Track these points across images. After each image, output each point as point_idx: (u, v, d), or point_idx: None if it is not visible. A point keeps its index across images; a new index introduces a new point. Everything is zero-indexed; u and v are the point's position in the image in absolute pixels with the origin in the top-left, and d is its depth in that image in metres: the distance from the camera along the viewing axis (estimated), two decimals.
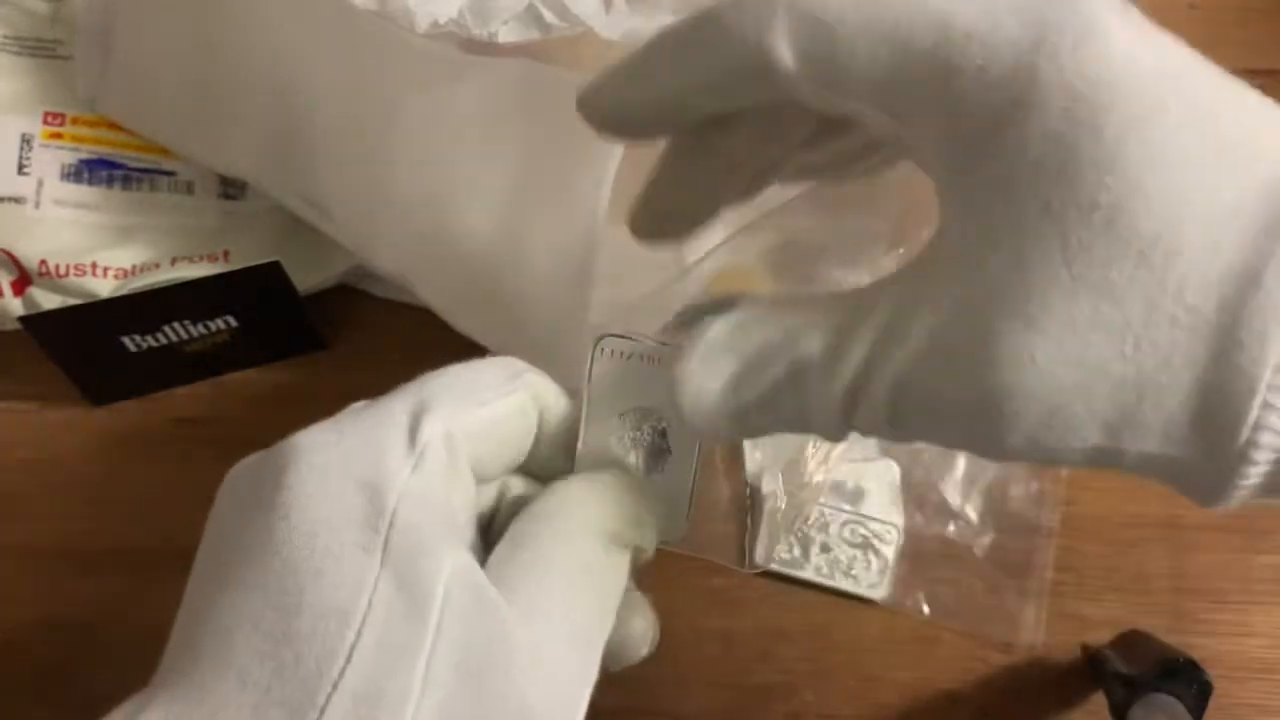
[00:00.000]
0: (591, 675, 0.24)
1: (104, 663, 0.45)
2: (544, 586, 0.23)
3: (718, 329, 0.24)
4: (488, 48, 0.38)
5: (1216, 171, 0.20)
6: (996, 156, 0.20)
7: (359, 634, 0.20)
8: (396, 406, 0.24)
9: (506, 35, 0.37)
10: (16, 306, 0.47)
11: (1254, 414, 0.20)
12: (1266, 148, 0.20)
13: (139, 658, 0.46)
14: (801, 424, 0.24)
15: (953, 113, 0.21)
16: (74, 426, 0.49)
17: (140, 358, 0.47)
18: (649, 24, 0.38)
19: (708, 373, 0.24)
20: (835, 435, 0.24)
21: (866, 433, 0.23)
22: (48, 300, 0.47)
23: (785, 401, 0.24)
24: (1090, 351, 0.20)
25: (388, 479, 0.22)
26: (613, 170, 0.37)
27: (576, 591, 0.24)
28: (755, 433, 0.25)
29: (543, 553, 0.24)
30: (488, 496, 0.27)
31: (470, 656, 0.21)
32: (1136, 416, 0.20)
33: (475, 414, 0.25)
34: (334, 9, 0.39)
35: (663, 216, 0.28)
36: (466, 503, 0.25)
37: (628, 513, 0.26)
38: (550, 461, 0.28)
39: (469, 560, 0.22)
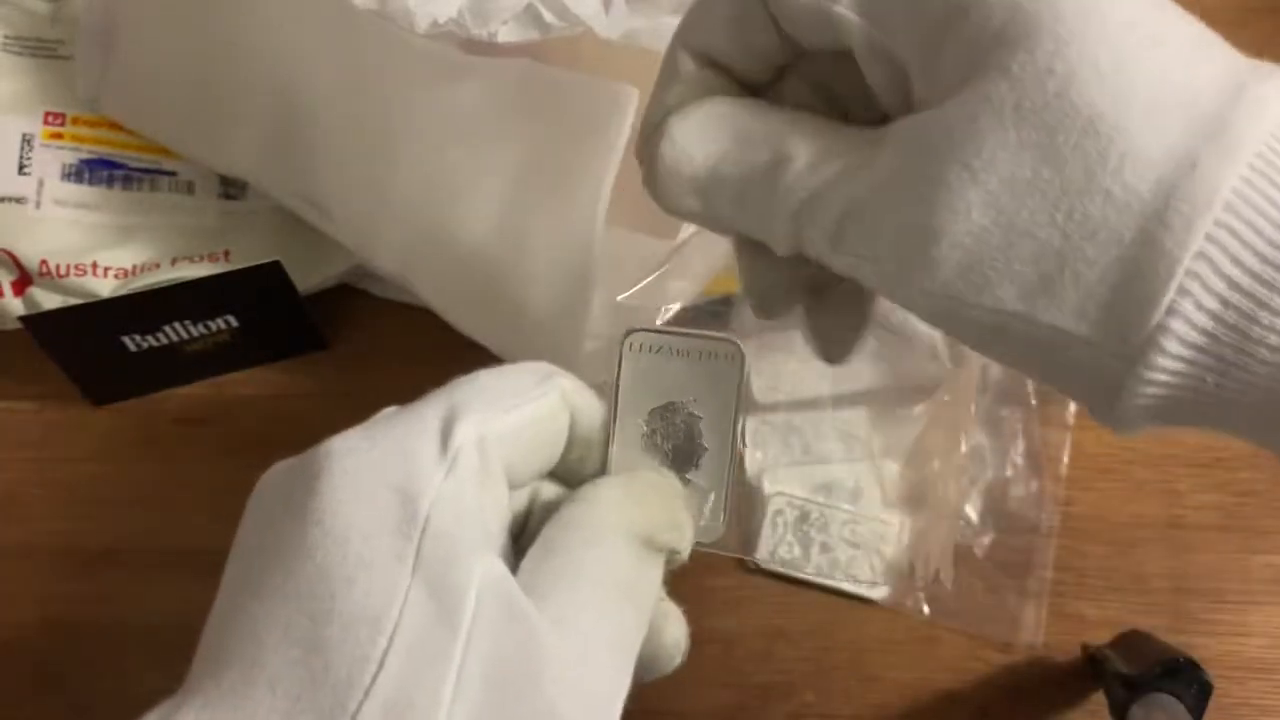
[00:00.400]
0: (624, 685, 0.24)
1: (104, 662, 0.45)
2: (576, 595, 0.23)
3: (723, 103, 0.25)
4: (488, 48, 0.38)
5: (1168, 60, 0.21)
6: (962, 30, 0.22)
7: (390, 642, 0.20)
8: (428, 412, 0.24)
9: (506, 35, 0.37)
10: (17, 306, 0.47)
11: (1168, 296, 0.20)
12: (1216, 54, 0.21)
13: (139, 657, 0.46)
14: (760, 219, 0.25)
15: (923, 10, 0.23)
16: (74, 426, 0.49)
17: (140, 358, 0.47)
18: (649, 24, 0.38)
19: (699, 139, 0.25)
20: (783, 242, 0.25)
21: (809, 246, 0.24)
22: (48, 300, 0.47)
23: (756, 192, 0.24)
24: (1023, 213, 0.21)
25: (420, 485, 0.22)
26: (613, 170, 0.37)
27: (609, 599, 0.24)
28: (716, 215, 0.25)
29: (574, 560, 0.24)
30: (520, 501, 0.27)
31: (501, 666, 0.21)
32: (1055, 284, 0.21)
33: (507, 418, 0.24)
34: (334, 9, 0.39)
35: (768, 303, 0.28)
36: (499, 508, 0.25)
37: (662, 515, 0.26)
38: (582, 464, 0.27)
39: (501, 568, 0.22)
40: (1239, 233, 0.20)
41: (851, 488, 0.47)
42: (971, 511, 0.46)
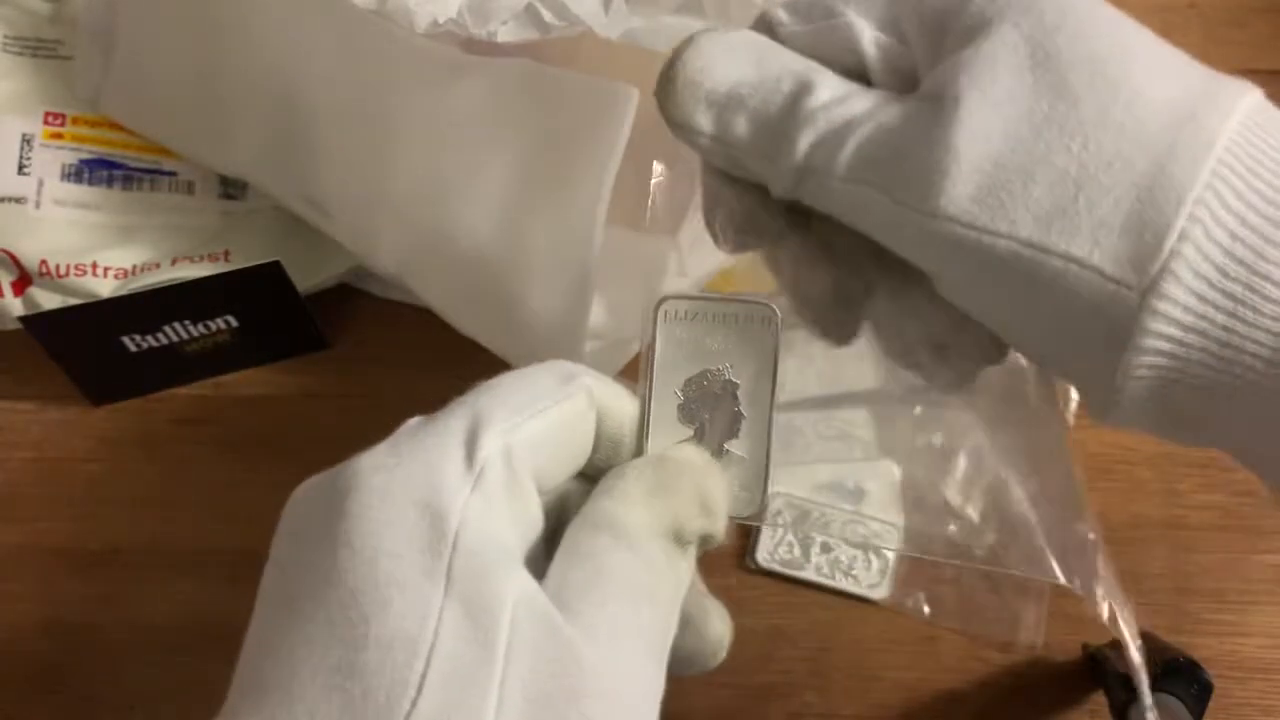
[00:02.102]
0: (659, 688, 0.23)
1: (103, 663, 0.45)
2: (606, 605, 0.23)
3: (753, 34, 0.26)
4: (488, 47, 0.38)
5: (1156, 42, 0.23)
6: (968, 9, 0.24)
7: (428, 664, 0.20)
8: (453, 423, 0.23)
9: (506, 35, 0.37)
10: (17, 306, 0.47)
11: (1180, 222, 0.21)
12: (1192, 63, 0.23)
13: (138, 658, 0.46)
14: (772, 144, 0.24)
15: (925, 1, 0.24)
16: (74, 426, 0.49)
17: (140, 358, 0.47)
18: (649, 24, 0.38)
19: (725, 56, 0.25)
20: (786, 174, 0.24)
21: (812, 179, 0.24)
22: (48, 300, 0.47)
23: (774, 116, 0.24)
24: (1039, 144, 0.22)
25: (448, 501, 0.22)
26: (613, 170, 0.37)
27: (639, 603, 0.23)
28: (725, 134, 0.25)
29: (600, 566, 0.23)
30: (550, 503, 0.26)
31: (540, 684, 0.21)
32: (1069, 211, 0.22)
33: (532, 425, 0.24)
34: (334, 9, 0.39)
35: (730, 231, 0.28)
36: (529, 518, 0.24)
37: (691, 500, 0.25)
38: (610, 462, 0.27)
39: (533, 584, 0.22)
40: (1241, 174, 0.21)
41: (852, 488, 0.47)
42: (972, 512, 0.46)
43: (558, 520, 0.26)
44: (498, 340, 0.44)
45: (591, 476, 0.27)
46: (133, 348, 0.47)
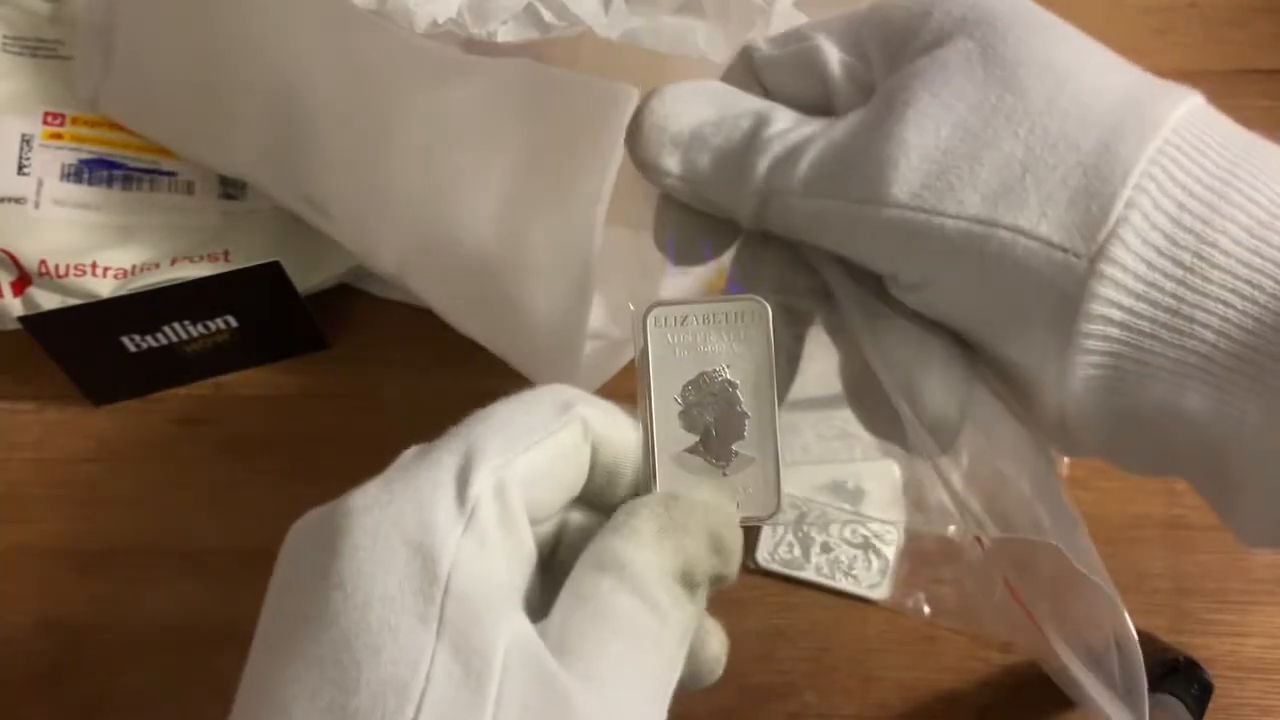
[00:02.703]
0: None
1: (103, 663, 0.45)
2: (607, 649, 0.22)
3: (712, 82, 0.27)
4: (487, 47, 0.38)
5: (1101, 50, 0.24)
6: (925, 26, 0.25)
7: (419, 709, 0.20)
8: (445, 458, 0.23)
9: (505, 35, 0.37)
10: (16, 306, 0.47)
11: (1127, 191, 0.22)
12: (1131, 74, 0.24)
13: (138, 658, 0.46)
14: (735, 176, 0.26)
15: (889, 22, 0.26)
16: (74, 426, 0.49)
17: (140, 358, 0.47)
18: (648, 24, 0.38)
19: (688, 102, 0.26)
20: (748, 202, 0.25)
21: (776, 201, 0.25)
22: (47, 300, 0.47)
23: (734, 151, 0.26)
24: (987, 131, 0.23)
25: (439, 542, 0.22)
26: (613, 170, 0.37)
27: (642, 650, 0.23)
28: (690, 173, 0.26)
29: (603, 609, 0.23)
30: (546, 530, 0.26)
31: None
32: (1016, 189, 0.23)
33: (526, 458, 0.23)
34: (334, 9, 0.39)
35: (687, 248, 0.29)
36: (522, 553, 0.24)
37: (703, 540, 0.25)
38: (607, 491, 0.26)
39: (526, 628, 0.22)
40: (1187, 152, 0.22)
41: (852, 488, 0.47)
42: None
43: (553, 546, 0.26)
44: (497, 340, 0.44)
45: (591, 502, 0.27)
46: (132, 348, 0.47)
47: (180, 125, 0.48)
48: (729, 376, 0.26)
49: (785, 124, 0.26)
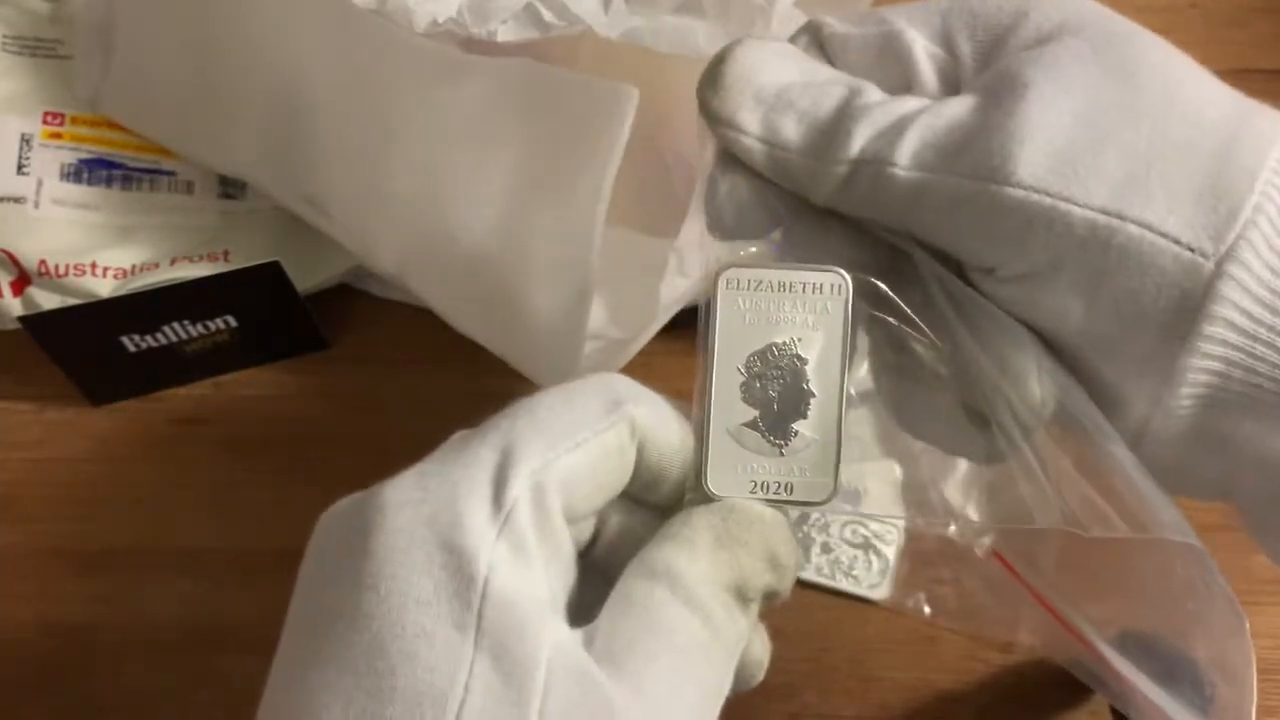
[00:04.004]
0: None
1: (102, 663, 0.45)
2: (654, 663, 0.21)
3: (787, 46, 0.26)
4: (487, 47, 0.38)
5: (1193, 64, 0.24)
6: (1023, 28, 0.24)
7: None
8: (483, 453, 0.22)
9: (505, 34, 0.37)
10: (16, 306, 0.46)
11: (1254, 197, 0.21)
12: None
13: (138, 658, 0.46)
14: (824, 142, 0.24)
15: (980, 16, 0.25)
16: (74, 426, 0.49)
17: (139, 358, 0.47)
18: (649, 23, 0.38)
19: (775, 60, 0.25)
20: (840, 171, 0.24)
21: (878, 164, 0.23)
22: (47, 300, 0.46)
23: (824, 117, 0.24)
24: (1109, 123, 0.22)
25: (475, 544, 0.21)
26: (613, 170, 0.37)
27: (691, 665, 0.22)
28: (772, 133, 0.24)
29: (653, 620, 0.22)
30: (583, 528, 0.25)
31: None
32: (1143, 181, 0.22)
33: (568, 459, 0.22)
34: (334, 8, 0.39)
35: (732, 220, 0.27)
36: (560, 559, 0.23)
37: (760, 554, 0.24)
38: (651, 490, 0.25)
39: (569, 637, 0.21)
40: None
41: (852, 488, 0.46)
42: (973, 513, 0.46)
43: (590, 543, 0.25)
44: (498, 340, 0.43)
45: (631, 497, 0.25)
46: (132, 348, 0.47)
47: (180, 125, 0.48)
48: (799, 352, 0.25)
49: (881, 96, 0.24)
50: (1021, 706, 0.44)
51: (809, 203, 0.25)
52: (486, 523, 0.21)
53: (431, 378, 0.49)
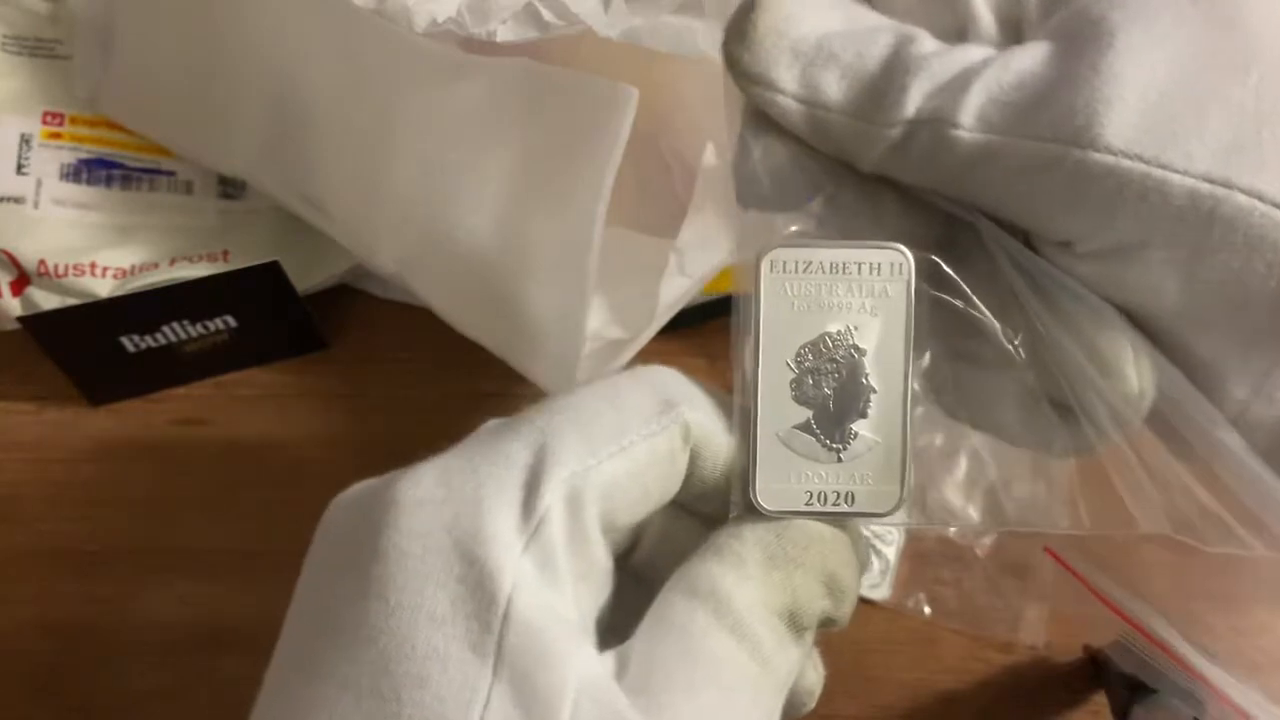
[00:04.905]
0: None
1: (102, 664, 0.45)
2: (697, 697, 0.19)
3: None
4: (486, 47, 0.38)
5: None
6: None
7: None
8: (515, 451, 0.20)
9: (505, 34, 0.37)
10: (15, 306, 0.46)
11: None
12: None
13: (138, 658, 0.46)
14: (870, 102, 0.21)
15: None
16: (73, 426, 0.49)
17: (139, 358, 0.47)
18: (649, 23, 0.38)
19: (807, 8, 0.21)
20: (893, 134, 0.21)
21: (938, 124, 0.20)
22: (46, 300, 0.46)
23: (871, 71, 0.21)
24: (1212, 76, 0.19)
25: (499, 557, 0.18)
26: (613, 170, 0.36)
27: (735, 702, 0.19)
28: (813, 91, 0.21)
29: (694, 649, 0.19)
30: (622, 539, 0.22)
31: None
32: (1251, 144, 0.19)
33: (609, 466, 0.20)
34: (333, 7, 0.39)
35: (765, 186, 0.23)
36: (594, 577, 0.20)
37: (817, 577, 0.21)
38: (704, 498, 0.22)
39: (597, 668, 0.18)
40: None
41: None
42: (973, 513, 0.46)
43: (628, 549, 0.23)
44: (497, 340, 0.43)
45: (679, 502, 0.23)
46: (131, 348, 0.46)
47: (179, 124, 0.48)
48: (857, 342, 0.22)
49: (934, 45, 0.21)
50: (1022, 706, 0.44)
51: (854, 168, 0.22)
52: (513, 533, 0.19)
53: (431, 378, 0.49)
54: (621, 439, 0.20)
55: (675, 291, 0.42)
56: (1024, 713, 0.44)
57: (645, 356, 0.44)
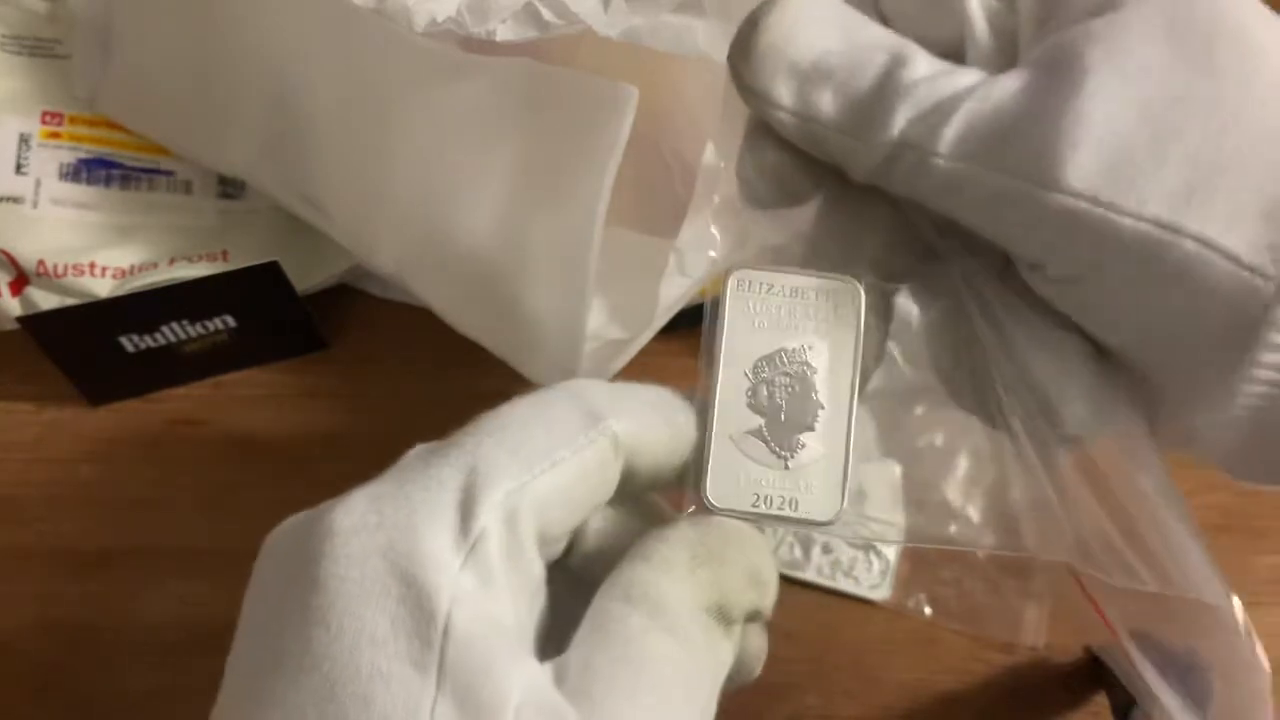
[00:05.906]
0: None
1: (101, 664, 0.45)
2: (636, 697, 0.19)
3: (841, 4, 0.23)
4: (486, 46, 0.37)
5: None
6: None
7: None
8: (446, 474, 0.20)
9: (505, 34, 0.37)
10: (14, 306, 0.46)
11: None
12: None
13: (137, 658, 0.46)
14: (861, 122, 0.22)
15: None
16: (72, 427, 0.49)
17: (138, 358, 0.47)
18: (649, 23, 0.38)
19: (807, 25, 0.22)
20: (877, 154, 0.22)
21: (918, 151, 0.22)
22: (46, 300, 0.46)
23: (864, 92, 0.22)
24: (1176, 119, 0.20)
25: (436, 575, 0.19)
26: (612, 170, 0.36)
27: (674, 697, 0.20)
28: (808, 107, 0.22)
29: (632, 651, 0.20)
30: (556, 547, 0.23)
31: None
32: (1205, 191, 0.20)
33: (543, 481, 0.21)
34: (333, 7, 0.39)
35: (762, 188, 0.25)
36: (530, 588, 0.21)
37: (741, 571, 0.22)
38: (652, 488, 0.24)
39: (539, 678, 0.19)
40: None
41: (853, 489, 0.46)
42: (973, 512, 0.46)
43: (570, 551, 0.24)
44: (497, 340, 0.43)
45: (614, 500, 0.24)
46: (130, 348, 0.46)
47: (178, 124, 0.48)
48: (809, 360, 0.24)
49: (927, 69, 0.22)
50: (1022, 707, 0.44)
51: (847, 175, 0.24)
52: (449, 552, 0.19)
53: (431, 378, 0.49)
54: (551, 456, 0.21)
55: (675, 291, 0.42)
56: (1024, 713, 0.44)
57: (645, 356, 0.44)
